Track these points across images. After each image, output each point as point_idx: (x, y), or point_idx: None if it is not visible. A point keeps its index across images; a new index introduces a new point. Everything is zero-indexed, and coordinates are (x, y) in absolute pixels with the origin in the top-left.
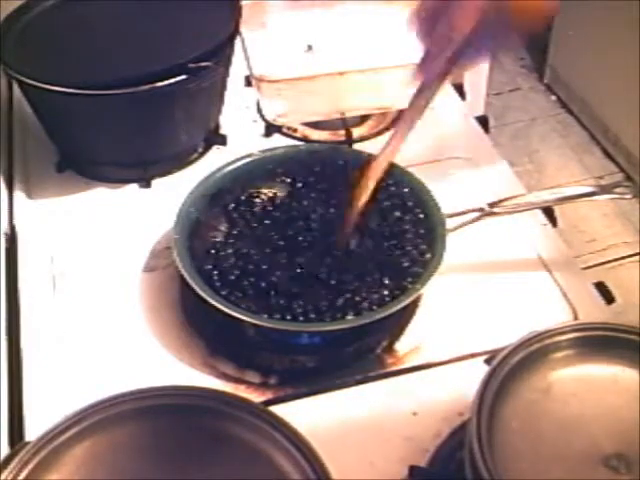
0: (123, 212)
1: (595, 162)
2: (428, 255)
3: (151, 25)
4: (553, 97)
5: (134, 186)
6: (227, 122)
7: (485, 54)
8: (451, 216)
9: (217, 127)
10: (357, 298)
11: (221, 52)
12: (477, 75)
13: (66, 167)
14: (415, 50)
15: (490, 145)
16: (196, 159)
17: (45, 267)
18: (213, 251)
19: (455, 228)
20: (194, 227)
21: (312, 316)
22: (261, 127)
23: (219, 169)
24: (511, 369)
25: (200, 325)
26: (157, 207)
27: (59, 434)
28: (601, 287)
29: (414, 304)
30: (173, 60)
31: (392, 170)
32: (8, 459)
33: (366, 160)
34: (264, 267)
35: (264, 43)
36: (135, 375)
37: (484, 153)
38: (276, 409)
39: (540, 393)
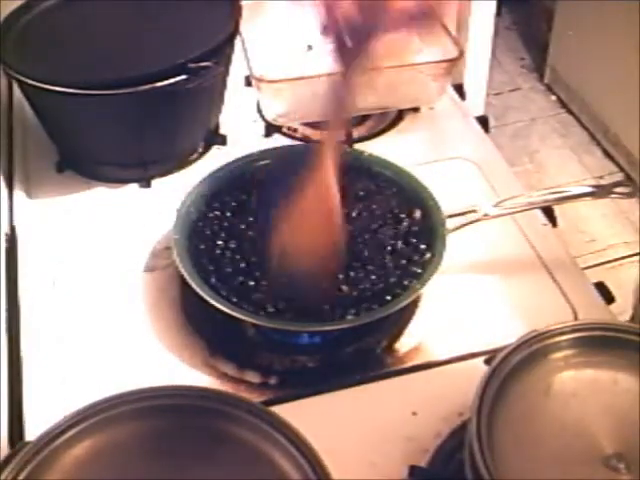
0: (123, 212)
1: (595, 162)
2: (428, 255)
3: (151, 25)
4: (553, 97)
5: (134, 186)
6: (227, 122)
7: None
8: (451, 216)
9: (217, 127)
10: (357, 298)
11: (221, 52)
12: (477, 75)
13: (66, 167)
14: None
15: (490, 145)
16: (196, 159)
17: (45, 267)
18: (213, 251)
19: (455, 228)
20: (194, 227)
21: (312, 316)
22: (261, 127)
23: (219, 169)
24: (511, 369)
25: (200, 325)
26: (157, 207)
27: (59, 434)
28: (601, 287)
29: (414, 304)
30: (173, 60)
31: (393, 170)
32: (8, 459)
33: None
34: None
35: (264, 43)
36: (135, 375)
37: (484, 153)
38: (276, 409)
39: (540, 393)
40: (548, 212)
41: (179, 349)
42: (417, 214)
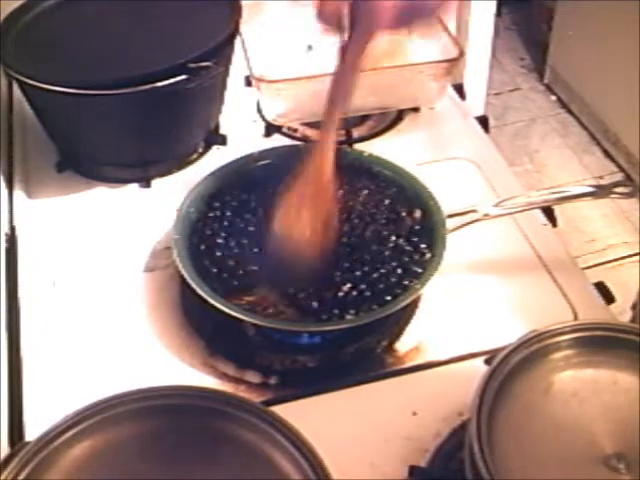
0: (123, 212)
1: (595, 162)
2: (428, 255)
3: (151, 25)
4: (553, 97)
5: (134, 186)
6: (227, 122)
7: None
8: (451, 216)
9: (217, 127)
10: (357, 298)
11: (221, 52)
12: (477, 75)
13: (66, 167)
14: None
15: (490, 145)
16: (196, 159)
17: (45, 267)
18: (213, 251)
19: (455, 228)
20: (194, 227)
21: (311, 316)
22: (261, 127)
23: (219, 169)
24: (511, 369)
25: (200, 325)
26: (157, 207)
27: (59, 434)
28: (601, 287)
29: (414, 304)
30: (173, 60)
31: (393, 170)
32: (8, 459)
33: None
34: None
35: (264, 43)
36: (135, 375)
37: (484, 153)
38: (276, 409)
39: (540, 393)
40: (548, 212)
41: (179, 349)
42: (417, 214)
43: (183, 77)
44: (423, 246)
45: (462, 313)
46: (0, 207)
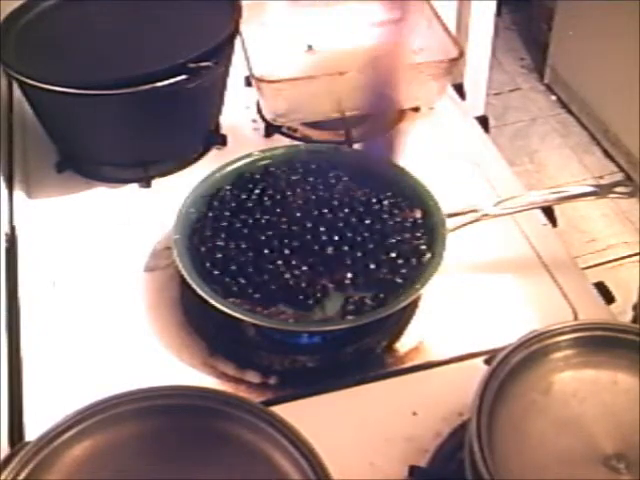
0: (123, 212)
1: (595, 162)
2: (428, 255)
3: (151, 25)
4: (553, 97)
5: (134, 186)
6: (227, 122)
7: None
8: (451, 216)
9: (217, 127)
10: (357, 298)
11: (221, 52)
12: (477, 75)
13: (66, 167)
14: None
15: (490, 145)
16: (196, 159)
17: (45, 267)
18: (213, 251)
19: (455, 228)
20: (194, 227)
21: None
22: (261, 127)
23: (219, 169)
24: (511, 369)
25: (200, 325)
26: (157, 207)
27: (59, 434)
28: (601, 287)
29: (414, 304)
30: (173, 60)
31: (393, 170)
32: (8, 459)
33: None
34: (264, 267)
35: (264, 43)
36: (135, 375)
37: (484, 153)
38: (276, 409)
39: (540, 393)
40: (548, 212)
41: (179, 349)
42: (417, 214)
43: (183, 77)
44: (423, 246)
45: (462, 313)
46: (0, 207)
